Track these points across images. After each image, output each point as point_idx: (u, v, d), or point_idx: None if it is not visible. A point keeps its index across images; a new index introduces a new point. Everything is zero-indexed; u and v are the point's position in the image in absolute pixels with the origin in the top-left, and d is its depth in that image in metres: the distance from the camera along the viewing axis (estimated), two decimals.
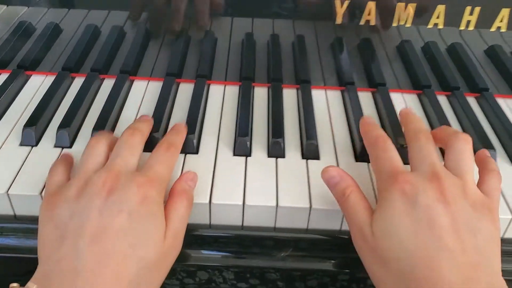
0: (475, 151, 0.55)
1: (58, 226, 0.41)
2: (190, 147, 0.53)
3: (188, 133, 0.53)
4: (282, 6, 0.66)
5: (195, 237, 0.49)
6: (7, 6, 0.69)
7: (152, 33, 0.70)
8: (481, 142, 0.55)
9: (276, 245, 0.50)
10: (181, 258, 0.46)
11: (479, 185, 0.45)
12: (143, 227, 0.41)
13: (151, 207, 0.42)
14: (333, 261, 0.50)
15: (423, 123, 0.51)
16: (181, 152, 0.52)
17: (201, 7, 0.66)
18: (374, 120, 0.53)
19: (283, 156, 0.53)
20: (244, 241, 0.50)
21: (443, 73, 0.66)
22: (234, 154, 0.53)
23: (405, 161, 0.46)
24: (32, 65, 0.66)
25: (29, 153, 0.53)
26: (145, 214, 0.41)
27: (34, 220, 0.48)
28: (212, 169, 0.51)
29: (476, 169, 0.47)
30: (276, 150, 0.53)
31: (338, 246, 0.50)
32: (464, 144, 0.46)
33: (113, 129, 0.56)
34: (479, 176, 0.47)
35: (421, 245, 0.39)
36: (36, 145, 0.54)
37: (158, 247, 0.41)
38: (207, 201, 0.47)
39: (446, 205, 0.40)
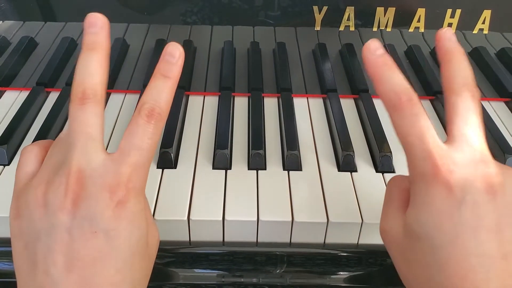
0: None
1: (27, 246, 0.34)
2: (168, 162, 0.51)
3: (165, 148, 0.51)
4: (262, 13, 0.65)
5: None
6: None
7: (130, 44, 0.69)
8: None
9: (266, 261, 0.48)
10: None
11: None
12: (128, 245, 0.34)
13: (131, 217, 0.34)
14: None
15: (472, 72, 0.37)
16: (158, 167, 0.51)
17: None
18: (383, 49, 0.37)
19: (264, 168, 0.52)
20: (228, 257, 0.48)
21: (426, 77, 0.65)
22: (214, 168, 0.52)
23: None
24: (5, 80, 0.64)
25: (1, 172, 0.51)
26: (127, 229, 0.34)
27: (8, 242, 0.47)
28: (191, 184, 0.49)
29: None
30: (256, 162, 0.52)
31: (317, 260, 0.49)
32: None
33: None
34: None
35: (460, 252, 0.33)
36: (9, 164, 0.52)
37: (147, 260, 0.36)
38: (185, 217, 0.46)
39: (493, 198, 0.33)
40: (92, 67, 0.36)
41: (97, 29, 0.37)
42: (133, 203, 0.34)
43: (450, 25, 0.64)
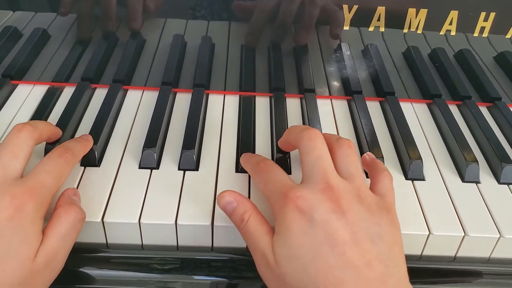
0: (489, 164, 0.53)
1: None
2: (190, 163, 0.49)
3: (187, 149, 0.50)
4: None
5: None
6: None
7: (146, 39, 0.67)
8: (496, 154, 0.52)
9: None
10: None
11: (372, 187, 0.44)
12: (5, 244, 0.37)
13: (22, 222, 0.38)
14: None
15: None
16: (180, 169, 0.49)
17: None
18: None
19: (289, 171, 0.50)
20: None
21: (452, 82, 0.63)
22: (237, 171, 0.50)
23: None
24: (18, 73, 0.62)
25: None
26: (12, 230, 0.37)
27: None
28: (214, 188, 0.47)
29: None
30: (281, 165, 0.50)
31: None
32: (348, 148, 0.43)
33: (106, 143, 0.53)
34: (371, 179, 0.45)
35: (324, 266, 0.36)
36: None
37: (23, 266, 0.37)
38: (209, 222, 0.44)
39: (342, 216, 0.38)
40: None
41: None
42: (29, 211, 0.38)
43: (482, 28, 0.62)
